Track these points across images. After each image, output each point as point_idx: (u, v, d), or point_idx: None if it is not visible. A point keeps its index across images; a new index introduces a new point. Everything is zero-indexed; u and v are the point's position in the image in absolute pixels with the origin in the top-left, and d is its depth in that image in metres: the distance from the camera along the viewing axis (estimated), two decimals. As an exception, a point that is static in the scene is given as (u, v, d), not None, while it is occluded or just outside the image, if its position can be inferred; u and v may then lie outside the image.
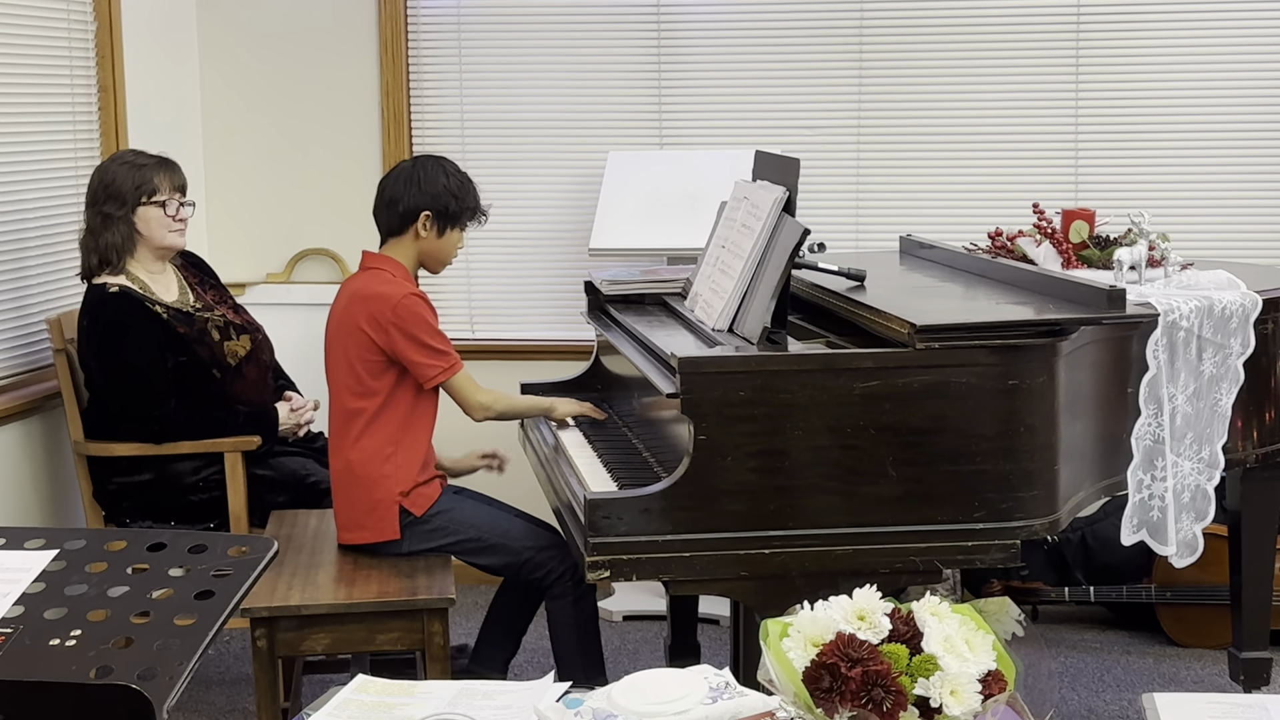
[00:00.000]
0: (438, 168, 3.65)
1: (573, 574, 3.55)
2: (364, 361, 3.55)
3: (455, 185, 3.63)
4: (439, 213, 3.61)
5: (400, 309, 3.50)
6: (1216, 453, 3.29)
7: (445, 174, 3.64)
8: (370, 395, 3.56)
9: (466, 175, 3.70)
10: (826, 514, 2.81)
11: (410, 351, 3.52)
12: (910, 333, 2.82)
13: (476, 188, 3.71)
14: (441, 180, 3.62)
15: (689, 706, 1.72)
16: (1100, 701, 4.15)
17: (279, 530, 3.79)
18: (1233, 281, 3.44)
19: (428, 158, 3.72)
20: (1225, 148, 4.86)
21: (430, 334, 3.54)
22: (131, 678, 1.51)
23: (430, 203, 3.60)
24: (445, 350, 3.56)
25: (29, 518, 4.13)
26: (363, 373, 3.56)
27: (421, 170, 3.64)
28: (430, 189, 3.61)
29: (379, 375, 3.55)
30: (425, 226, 3.61)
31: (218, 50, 5.15)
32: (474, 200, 3.68)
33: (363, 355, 3.55)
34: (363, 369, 3.56)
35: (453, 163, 3.71)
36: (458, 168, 3.70)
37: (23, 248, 4.22)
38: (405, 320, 3.50)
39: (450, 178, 3.64)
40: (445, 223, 3.63)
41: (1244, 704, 1.98)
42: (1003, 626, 1.75)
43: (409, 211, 3.61)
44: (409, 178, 3.63)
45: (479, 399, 3.61)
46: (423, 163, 3.68)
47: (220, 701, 4.19)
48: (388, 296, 3.52)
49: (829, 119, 4.99)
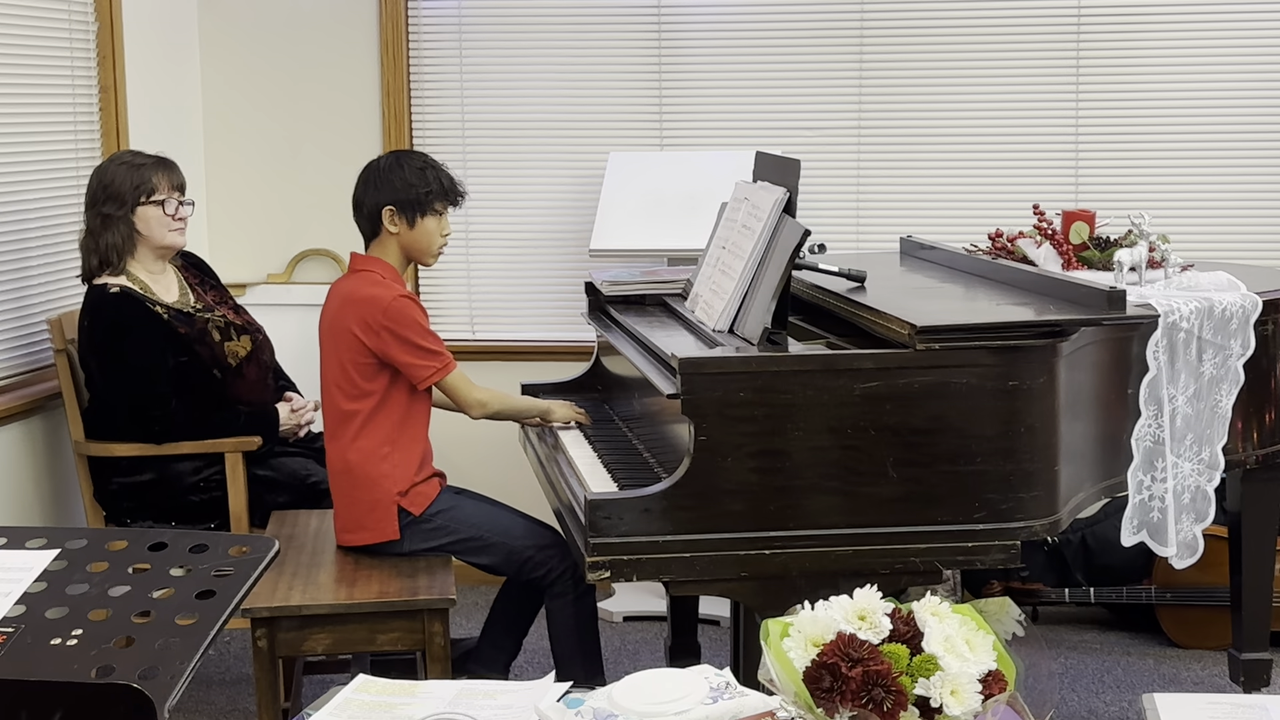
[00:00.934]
0: (394, 161, 3.63)
1: (572, 573, 3.54)
2: (356, 364, 3.54)
3: (412, 174, 3.59)
4: (401, 204, 3.58)
5: (391, 311, 3.49)
6: (1216, 454, 3.29)
7: (401, 165, 3.61)
8: (364, 397, 3.55)
9: (428, 160, 3.65)
10: (827, 514, 2.81)
11: (402, 353, 3.51)
12: (911, 333, 2.82)
13: (443, 170, 3.64)
14: (398, 173, 3.59)
15: (689, 706, 1.72)
16: (1100, 702, 4.15)
17: (279, 530, 3.80)
18: (1233, 283, 3.44)
19: (389, 153, 3.71)
20: (1225, 149, 4.86)
21: (421, 334, 3.52)
22: (133, 677, 1.51)
23: (390, 196, 3.58)
24: (437, 350, 3.54)
25: (30, 517, 4.13)
26: (355, 375, 3.55)
27: (377, 166, 3.62)
28: (387, 183, 3.58)
29: (372, 377, 3.54)
30: (393, 222, 3.59)
31: (219, 51, 5.15)
32: (437, 183, 3.61)
33: (355, 358, 3.54)
34: (355, 371, 3.55)
35: (417, 153, 3.70)
36: (422, 156, 3.67)
37: (24, 248, 4.23)
38: (396, 322, 3.49)
39: (406, 168, 3.60)
40: (412, 212, 3.59)
41: (1244, 704, 1.98)
42: (1003, 627, 1.76)
43: (372, 211, 3.60)
44: (367, 178, 3.62)
45: (475, 395, 3.61)
46: (381, 159, 3.66)
47: (221, 701, 4.19)
48: (378, 299, 3.51)
49: (829, 120, 5.00)
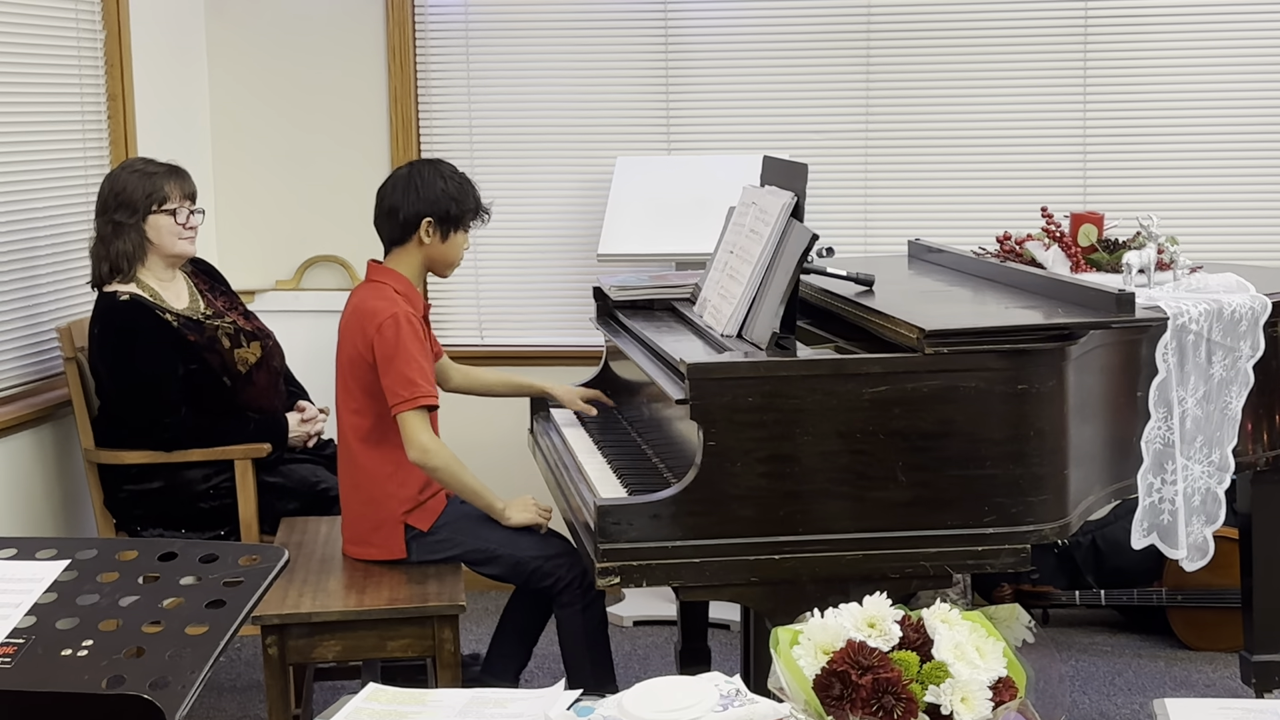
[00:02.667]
0: (434, 172, 3.59)
1: (581, 581, 3.52)
2: (358, 378, 3.53)
3: (454, 188, 3.57)
4: (440, 217, 3.56)
5: (384, 328, 3.45)
6: (1227, 456, 3.28)
7: (442, 177, 3.58)
8: (368, 411, 3.53)
9: (464, 175, 3.64)
10: (836, 519, 2.81)
11: (383, 373, 3.46)
12: (919, 337, 2.82)
13: (475, 186, 3.64)
14: (439, 184, 3.56)
15: (700, 714, 1.72)
16: (1111, 705, 4.14)
17: (289, 537, 3.80)
18: (1242, 284, 3.43)
19: (423, 162, 3.66)
20: (1233, 151, 4.85)
21: (405, 360, 3.44)
22: (143, 687, 1.51)
23: (430, 208, 3.55)
24: (415, 380, 3.44)
25: (40, 525, 4.14)
26: (356, 388, 3.53)
27: (418, 176, 3.58)
28: (429, 194, 3.55)
29: (373, 391, 3.50)
30: (428, 233, 3.56)
31: (226, 58, 5.16)
32: (474, 201, 3.61)
33: (356, 371, 3.53)
34: (356, 384, 3.53)
35: (449, 164, 3.66)
36: (454, 169, 3.64)
37: (33, 256, 4.24)
38: (384, 340, 3.45)
39: (448, 181, 3.58)
40: (448, 227, 3.58)
41: (1255, 709, 1.98)
42: (1013, 633, 1.75)
43: (410, 220, 3.56)
44: (406, 185, 3.57)
45: (420, 439, 3.43)
46: (418, 168, 3.62)
47: (232, 709, 4.19)
48: (377, 313, 3.48)
49: (837, 124, 4.99)
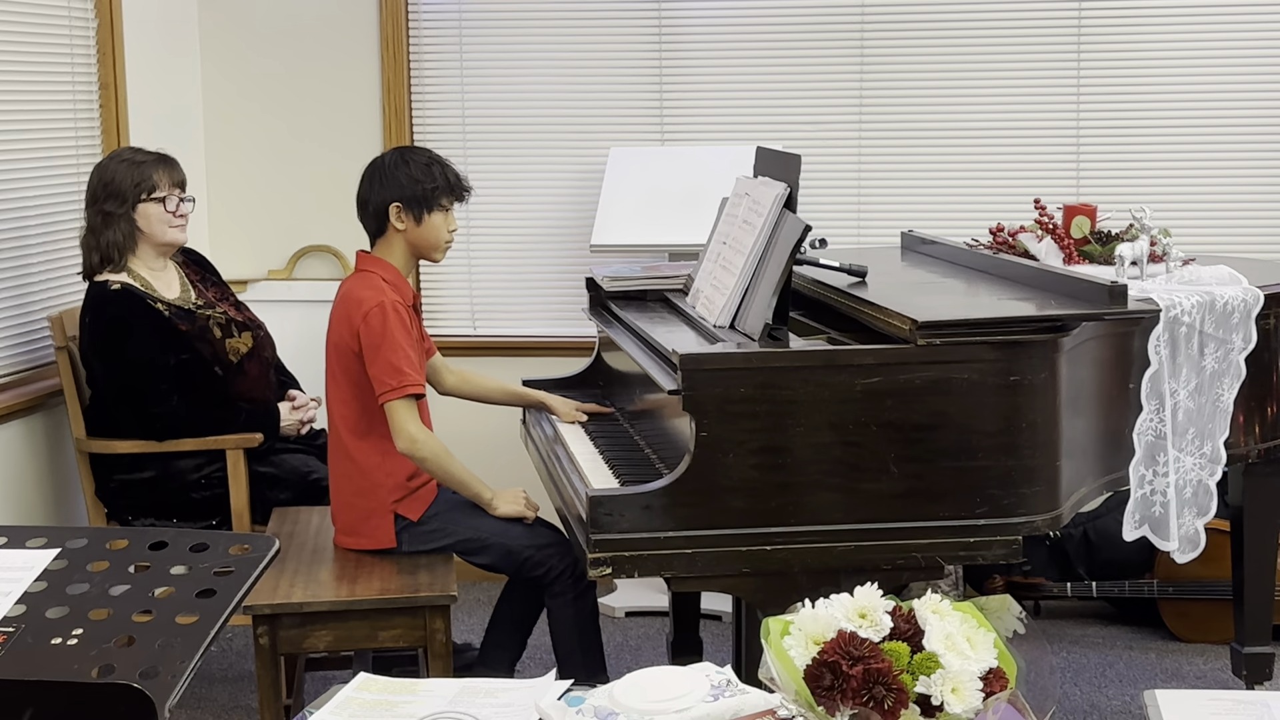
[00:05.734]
0: (399, 158, 3.59)
1: (572, 571, 3.51)
2: (345, 367, 3.52)
3: (418, 170, 3.55)
4: (408, 201, 3.54)
5: (370, 317, 3.45)
6: (1218, 448, 3.29)
7: (406, 162, 3.57)
8: (356, 401, 3.52)
9: (434, 156, 3.61)
10: (828, 510, 2.81)
11: (369, 362, 3.46)
12: (912, 329, 2.82)
13: (448, 166, 3.61)
14: (403, 169, 3.55)
15: (691, 704, 1.72)
16: (1102, 697, 4.15)
17: (281, 527, 3.79)
18: (1234, 276, 3.44)
19: (393, 150, 3.67)
20: (1227, 142, 4.86)
21: (391, 348, 3.44)
22: (133, 676, 1.51)
23: (397, 193, 3.54)
24: (401, 369, 3.43)
25: (31, 515, 4.13)
26: (343, 378, 3.53)
27: (382, 165, 3.59)
28: (393, 180, 3.54)
29: (360, 380, 3.49)
30: (400, 219, 3.55)
31: (219, 47, 5.15)
32: (443, 179, 3.58)
33: (344, 361, 3.52)
34: (343, 374, 3.53)
35: (421, 149, 3.64)
36: (426, 153, 3.62)
37: (24, 245, 4.22)
38: (370, 329, 3.44)
39: (413, 165, 3.56)
40: (418, 208, 3.55)
41: (1245, 701, 1.98)
42: (1004, 624, 1.75)
43: (379, 208, 3.56)
44: (372, 176, 3.58)
45: (408, 429, 3.43)
46: (384, 157, 3.63)
47: (222, 699, 4.19)
48: (363, 302, 3.47)
49: (830, 114, 4.99)
